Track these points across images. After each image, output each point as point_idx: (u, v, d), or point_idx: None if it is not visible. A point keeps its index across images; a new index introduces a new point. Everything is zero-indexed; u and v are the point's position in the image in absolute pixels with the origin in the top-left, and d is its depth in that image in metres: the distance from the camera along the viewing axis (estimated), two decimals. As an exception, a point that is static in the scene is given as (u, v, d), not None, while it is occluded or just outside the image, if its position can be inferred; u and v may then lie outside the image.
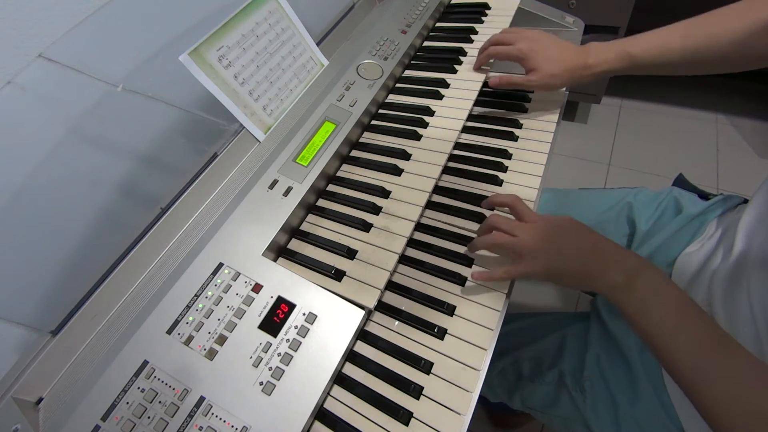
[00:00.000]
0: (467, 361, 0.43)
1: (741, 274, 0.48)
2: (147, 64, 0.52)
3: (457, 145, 0.62)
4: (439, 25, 0.81)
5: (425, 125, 0.62)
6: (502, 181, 0.58)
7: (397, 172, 0.57)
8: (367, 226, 0.52)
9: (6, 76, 0.42)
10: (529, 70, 0.61)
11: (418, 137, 0.61)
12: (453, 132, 0.61)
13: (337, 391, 0.43)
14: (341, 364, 0.43)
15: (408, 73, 0.72)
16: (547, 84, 0.60)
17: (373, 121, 0.65)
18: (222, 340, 0.42)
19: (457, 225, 0.54)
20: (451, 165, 0.60)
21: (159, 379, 0.40)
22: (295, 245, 0.52)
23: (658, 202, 0.68)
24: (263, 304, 0.44)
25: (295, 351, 0.41)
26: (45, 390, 0.42)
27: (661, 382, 0.52)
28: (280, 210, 0.50)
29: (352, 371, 0.44)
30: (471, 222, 0.54)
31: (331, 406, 0.42)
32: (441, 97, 0.66)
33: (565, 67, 0.59)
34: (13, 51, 0.42)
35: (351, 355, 0.45)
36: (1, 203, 0.41)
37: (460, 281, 0.48)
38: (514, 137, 0.62)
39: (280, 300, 0.44)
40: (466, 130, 0.64)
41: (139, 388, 0.40)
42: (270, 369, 0.40)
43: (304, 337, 0.42)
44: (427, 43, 0.77)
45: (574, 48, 0.60)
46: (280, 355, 0.41)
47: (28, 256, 0.43)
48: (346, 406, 0.41)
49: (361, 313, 0.44)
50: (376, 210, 0.53)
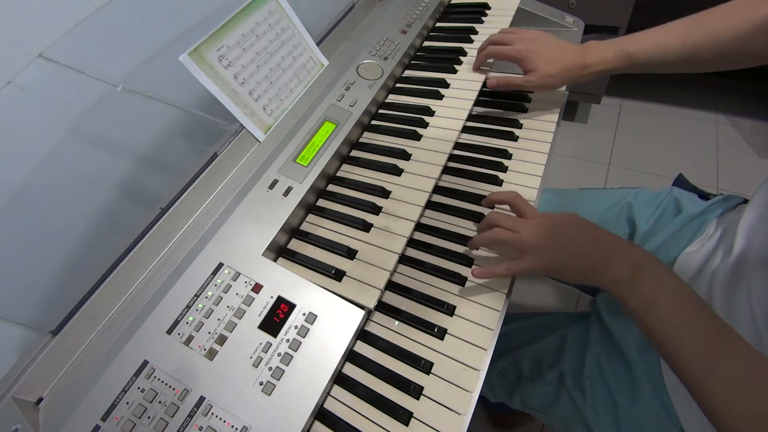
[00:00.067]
0: (467, 361, 0.43)
1: (741, 274, 0.48)
2: (147, 64, 0.52)
3: (457, 145, 0.62)
4: (439, 25, 0.81)
5: (425, 125, 0.62)
6: (502, 181, 0.58)
7: (397, 172, 0.57)
8: (367, 226, 0.52)
9: (6, 76, 0.42)
10: (527, 71, 0.61)
11: (418, 137, 0.61)
12: (453, 132, 0.61)
13: (337, 391, 0.43)
14: (341, 364, 0.43)
15: (408, 73, 0.72)
16: (545, 84, 0.60)
17: (373, 121, 0.65)
18: (222, 340, 0.42)
19: (457, 225, 0.54)
20: (451, 165, 0.60)
21: (159, 379, 0.40)
22: (295, 245, 0.52)
23: (658, 202, 0.68)
24: (263, 304, 0.44)
25: (295, 351, 0.41)
26: (45, 390, 0.42)
27: (661, 382, 0.52)
28: (280, 210, 0.50)
29: (352, 371, 0.44)
30: (471, 222, 0.54)
31: (331, 406, 0.42)
32: (441, 97, 0.66)
33: (563, 67, 0.59)
34: (13, 51, 0.42)
35: (351, 355, 0.45)
36: (1, 203, 0.41)
37: (460, 281, 0.48)
38: (514, 137, 0.62)
39: (280, 300, 0.44)
40: (466, 130, 0.64)
41: (139, 388, 0.40)
42: (270, 369, 0.40)
43: (304, 337, 0.42)
44: (427, 43, 0.77)
45: (573, 47, 0.60)
46: (280, 355, 0.41)
47: (28, 256, 0.43)
48: (346, 406, 0.41)
49: (361, 313, 0.44)
50: (376, 210, 0.53)
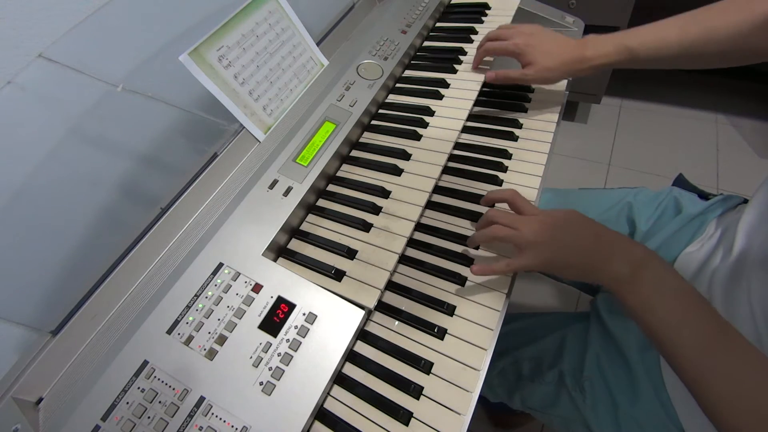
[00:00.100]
0: (467, 361, 0.43)
1: (741, 273, 0.48)
2: (147, 64, 0.52)
3: (457, 145, 0.62)
4: (439, 25, 0.81)
5: (425, 125, 0.62)
6: (502, 181, 0.58)
7: (397, 172, 0.57)
8: (367, 226, 0.52)
9: (6, 76, 0.42)
10: (525, 65, 0.60)
11: (418, 137, 0.61)
12: (453, 132, 0.61)
13: (337, 391, 0.43)
14: (341, 364, 0.43)
15: (408, 73, 0.72)
16: (543, 78, 0.59)
17: (373, 121, 0.65)
18: (222, 340, 0.42)
19: (457, 225, 0.54)
20: (451, 165, 0.60)
21: (159, 379, 0.40)
22: (295, 245, 0.52)
23: (658, 202, 0.68)
24: (263, 304, 0.44)
25: (295, 351, 0.41)
26: (45, 390, 0.42)
27: (661, 381, 0.52)
28: (280, 210, 0.50)
29: (352, 371, 0.44)
30: (471, 222, 0.54)
31: (331, 406, 0.42)
32: (441, 97, 0.66)
33: (561, 61, 0.58)
34: (13, 51, 0.42)
35: (351, 355, 0.45)
36: (1, 203, 0.41)
37: (460, 281, 0.48)
38: (514, 137, 0.62)
39: (280, 300, 0.44)
40: (466, 130, 0.64)
41: (139, 388, 0.40)
42: (270, 369, 0.40)
43: (304, 337, 0.42)
44: (427, 43, 0.77)
45: (572, 41, 0.59)
46: (280, 355, 0.41)
47: (28, 256, 0.43)
48: (346, 406, 0.41)
49: (361, 313, 0.44)
50: (376, 210, 0.53)
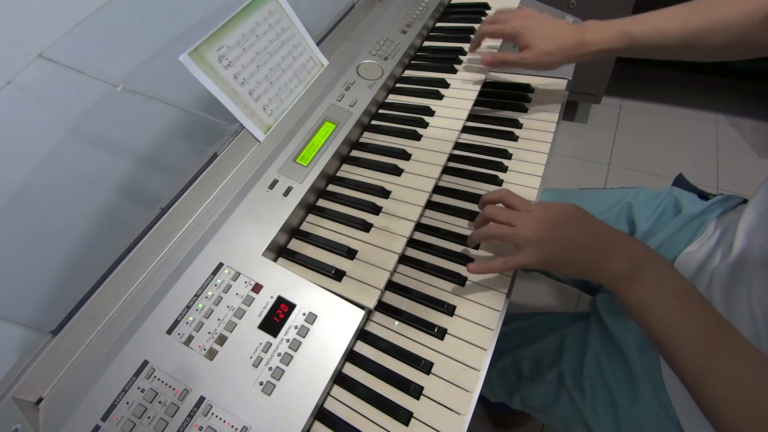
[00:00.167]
0: (467, 361, 0.43)
1: (741, 273, 0.48)
2: (147, 64, 0.52)
3: (457, 145, 0.62)
4: (439, 25, 0.81)
5: (425, 125, 0.62)
6: (502, 181, 0.58)
7: (397, 172, 0.57)
8: (367, 226, 0.52)
9: (6, 76, 0.42)
10: (522, 48, 0.58)
11: (418, 137, 0.61)
12: (453, 132, 0.61)
13: (337, 391, 0.43)
14: (341, 364, 0.43)
15: (408, 73, 0.72)
16: (541, 62, 0.57)
17: (373, 121, 0.65)
18: (222, 340, 0.42)
19: (457, 225, 0.54)
20: (451, 165, 0.60)
21: (159, 379, 0.40)
22: (295, 245, 0.52)
23: (657, 202, 0.68)
24: (263, 304, 0.44)
25: (295, 351, 0.41)
26: (45, 390, 0.42)
27: (661, 381, 0.52)
28: (280, 210, 0.50)
29: (352, 371, 0.44)
30: (471, 222, 0.54)
31: (331, 406, 0.42)
32: (441, 97, 0.66)
33: (560, 45, 0.56)
34: (13, 51, 0.42)
35: (351, 355, 0.45)
36: (1, 203, 0.41)
37: (460, 281, 0.48)
38: (514, 137, 0.62)
39: (280, 300, 0.44)
40: (466, 130, 0.64)
41: (139, 388, 0.40)
42: (270, 369, 0.40)
43: (304, 337, 0.42)
44: (427, 43, 0.77)
45: (571, 26, 0.58)
46: (280, 355, 0.41)
47: (28, 256, 0.43)
48: (346, 406, 0.41)
49: (361, 313, 0.44)
50: (376, 210, 0.53)
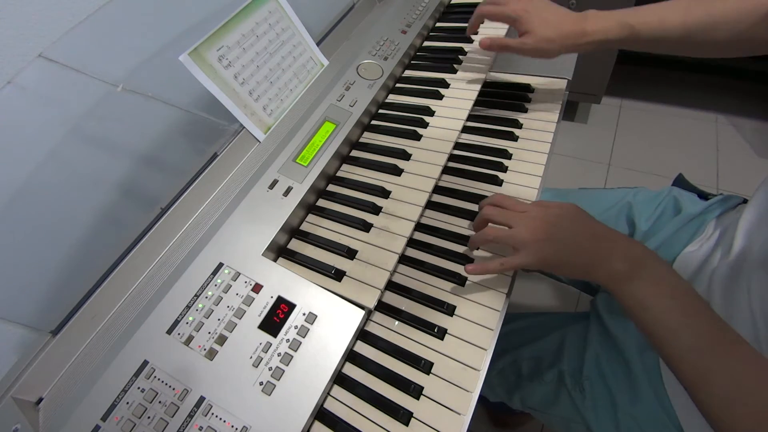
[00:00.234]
0: (467, 361, 0.43)
1: (740, 273, 0.48)
2: (147, 64, 0.52)
3: (457, 145, 0.62)
4: (439, 25, 0.81)
5: (425, 125, 0.62)
6: (502, 181, 0.58)
7: (397, 172, 0.57)
8: (367, 226, 0.52)
9: (6, 76, 0.41)
10: (522, 33, 0.57)
11: (418, 137, 0.61)
12: (453, 132, 0.61)
13: (337, 391, 0.43)
14: (341, 364, 0.43)
15: (408, 73, 0.72)
16: (541, 49, 0.56)
17: (373, 121, 0.65)
18: (222, 340, 0.42)
19: (457, 225, 0.54)
20: (451, 165, 0.60)
21: (159, 379, 0.40)
22: (295, 245, 0.52)
23: (657, 201, 0.68)
24: (263, 304, 0.44)
25: (295, 351, 0.41)
26: (45, 390, 0.42)
27: (661, 382, 0.52)
28: (280, 210, 0.50)
29: (352, 371, 0.44)
30: (471, 222, 0.54)
31: (331, 406, 0.42)
32: (441, 97, 0.66)
33: (561, 33, 0.55)
34: (13, 51, 0.42)
35: (351, 355, 0.45)
36: (1, 203, 0.41)
37: (460, 281, 0.48)
38: (514, 137, 0.62)
39: (280, 300, 0.44)
40: (466, 130, 0.64)
41: (139, 388, 0.40)
42: (270, 369, 0.40)
43: (304, 337, 0.42)
44: (427, 43, 0.77)
45: (571, 13, 0.57)
46: (280, 355, 0.41)
47: (28, 256, 0.43)
48: (346, 406, 0.41)
49: (361, 313, 0.44)
50: (376, 210, 0.53)
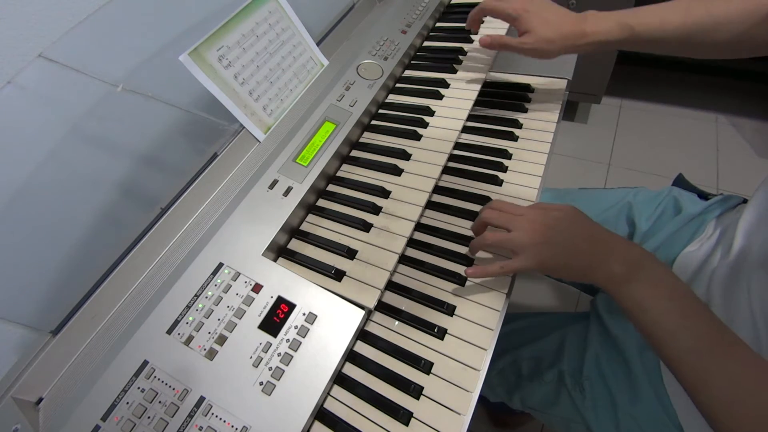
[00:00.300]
0: (467, 361, 0.43)
1: (740, 273, 0.48)
2: (147, 64, 0.52)
3: (457, 145, 0.62)
4: (439, 25, 0.81)
5: (425, 125, 0.62)
6: (502, 181, 0.58)
7: (397, 172, 0.57)
8: (367, 226, 0.52)
9: (6, 76, 0.41)
10: (522, 32, 0.57)
11: (418, 137, 0.61)
12: (453, 132, 0.61)
13: (337, 391, 0.43)
14: (341, 364, 0.43)
15: (408, 73, 0.72)
16: (541, 49, 0.56)
17: (373, 121, 0.65)
18: (222, 340, 0.42)
19: (457, 225, 0.54)
20: (451, 165, 0.60)
21: (159, 379, 0.40)
22: (295, 245, 0.52)
23: (657, 201, 0.68)
24: (263, 304, 0.44)
25: (295, 351, 0.41)
26: (45, 390, 0.42)
27: (661, 381, 0.52)
28: (280, 210, 0.50)
29: (352, 371, 0.44)
30: (471, 222, 0.54)
31: (331, 406, 0.42)
32: (441, 97, 0.66)
33: (561, 33, 0.55)
34: (13, 51, 0.42)
35: (351, 355, 0.45)
36: (1, 203, 0.41)
37: (460, 281, 0.48)
38: (514, 137, 0.62)
39: (280, 300, 0.44)
40: (466, 130, 0.64)
41: (139, 388, 0.40)
42: (270, 369, 0.40)
43: (304, 337, 0.42)
44: (427, 43, 0.77)
45: (571, 13, 0.57)
46: (280, 355, 0.41)
47: (28, 256, 0.43)
48: (346, 406, 0.41)
49: (361, 313, 0.44)
50: (376, 210, 0.53)
